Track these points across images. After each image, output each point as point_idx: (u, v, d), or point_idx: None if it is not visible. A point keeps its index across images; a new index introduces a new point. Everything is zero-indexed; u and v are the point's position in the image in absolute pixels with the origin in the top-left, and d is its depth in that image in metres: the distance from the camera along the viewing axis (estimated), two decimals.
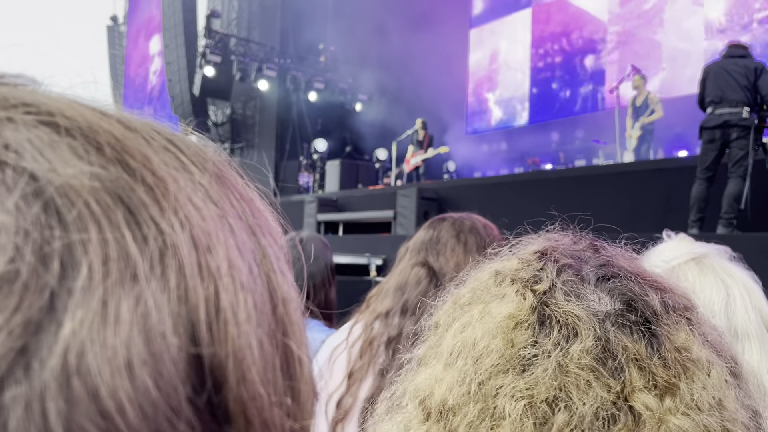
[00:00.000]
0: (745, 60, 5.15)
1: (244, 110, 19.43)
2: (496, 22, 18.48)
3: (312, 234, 1.78)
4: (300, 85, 16.76)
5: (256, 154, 18.78)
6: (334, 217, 10.17)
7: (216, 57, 15.63)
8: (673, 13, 13.93)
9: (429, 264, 1.17)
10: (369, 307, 1.21)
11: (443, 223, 1.24)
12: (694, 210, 5.17)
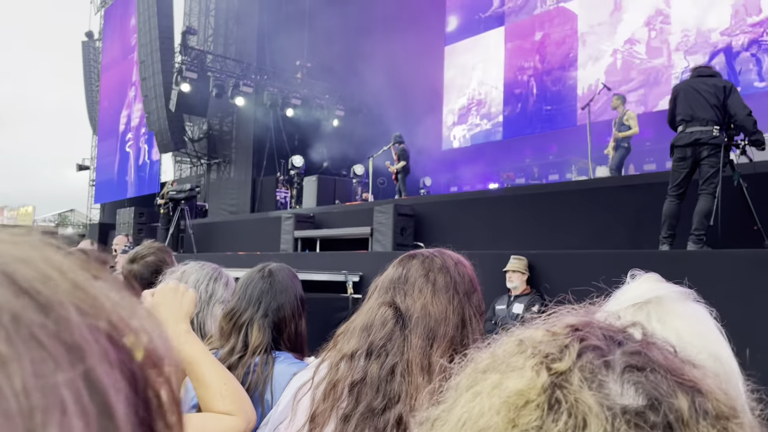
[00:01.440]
0: (714, 79, 5.28)
1: (221, 126, 19.34)
2: (470, 39, 18.72)
3: (280, 264, 1.76)
4: (277, 101, 16.75)
5: (233, 170, 18.68)
6: (311, 233, 10.13)
7: (192, 73, 15.59)
8: (644, 31, 14.24)
9: (396, 304, 1.16)
10: (336, 346, 1.19)
11: (413, 261, 1.24)
12: (665, 226, 5.26)
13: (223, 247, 12.44)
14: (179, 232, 12.84)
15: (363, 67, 16.70)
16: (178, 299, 1.35)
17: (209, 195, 18.99)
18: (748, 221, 5.07)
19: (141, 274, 2.44)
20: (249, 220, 13.45)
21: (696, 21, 13.28)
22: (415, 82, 17.81)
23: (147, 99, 16.53)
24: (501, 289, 5.50)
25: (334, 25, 16.62)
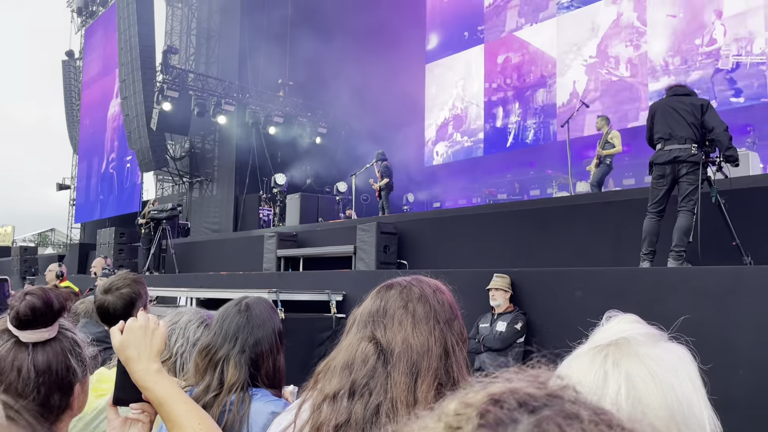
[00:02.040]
0: (690, 98, 5.36)
1: (203, 144, 19.28)
2: (450, 57, 18.89)
3: (258, 298, 1.72)
4: (259, 119, 16.75)
5: (215, 188, 18.59)
6: (294, 252, 10.09)
7: (173, 92, 15.55)
8: (620, 49, 14.47)
9: (376, 339, 1.13)
10: (317, 385, 1.16)
11: (390, 291, 1.21)
12: (645, 243, 5.30)
13: (205, 267, 12.34)
14: (161, 252, 12.71)
15: (345, 84, 16.77)
16: (148, 337, 1.32)
17: (191, 213, 18.86)
18: (726, 237, 5.13)
19: (115, 305, 2.41)
20: (231, 239, 13.36)
21: (671, 38, 13.51)
22: (397, 99, 17.90)
23: (128, 118, 16.43)
24: (485, 307, 5.49)
25: (315, 44, 16.69)
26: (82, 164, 24.76)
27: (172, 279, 10.90)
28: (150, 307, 2.62)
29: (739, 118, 11.26)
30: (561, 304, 5.28)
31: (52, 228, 38.93)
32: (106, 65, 21.35)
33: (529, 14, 16.76)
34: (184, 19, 20.98)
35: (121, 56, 16.52)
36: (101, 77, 22.11)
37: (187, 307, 1.94)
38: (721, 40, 12.68)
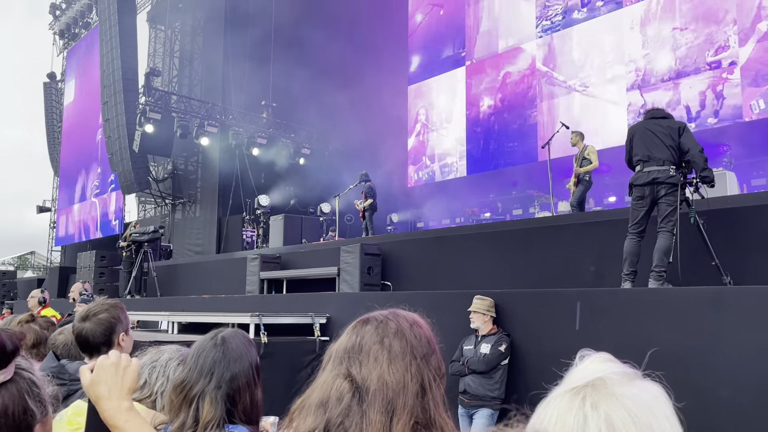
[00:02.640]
0: (667, 120, 5.46)
1: (186, 166, 19.20)
2: (433, 78, 19.07)
3: (234, 331, 1.68)
4: (242, 140, 16.73)
5: (198, 210, 18.48)
6: (278, 274, 10.03)
7: (156, 114, 15.51)
8: (599, 70, 14.71)
9: (351, 376, 1.11)
10: (292, 423, 1.14)
11: (366, 327, 1.18)
12: (626, 264, 5.35)
13: (187, 290, 12.21)
14: (142, 275, 12.58)
15: (328, 105, 16.84)
16: (120, 375, 1.29)
17: (174, 235, 18.71)
18: (706, 257, 5.19)
19: (93, 332, 2.36)
20: (214, 261, 13.26)
21: (649, 59, 13.76)
22: (380, 120, 18.00)
23: (110, 140, 16.34)
24: (469, 329, 5.49)
25: (298, 65, 16.78)
26: (62, 186, 24.53)
27: (154, 302, 10.77)
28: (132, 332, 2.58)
29: (715, 138, 11.46)
30: (545, 325, 5.29)
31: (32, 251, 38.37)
32: (88, 87, 21.26)
33: (510, 36, 17.00)
34: (167, 42, 21.01)
35: (103, 78, 16.47)
36: (83, 100, 22.01)
37: (170, 346, 1.89)
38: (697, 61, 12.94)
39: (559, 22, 15.76)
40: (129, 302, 11.37)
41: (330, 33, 17.13)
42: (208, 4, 18.38)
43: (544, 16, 16.13)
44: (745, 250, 5.41)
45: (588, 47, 15.03)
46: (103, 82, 16.44)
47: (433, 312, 5.19)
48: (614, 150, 12.67)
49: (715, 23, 12.76)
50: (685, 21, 13.24)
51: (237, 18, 17.10)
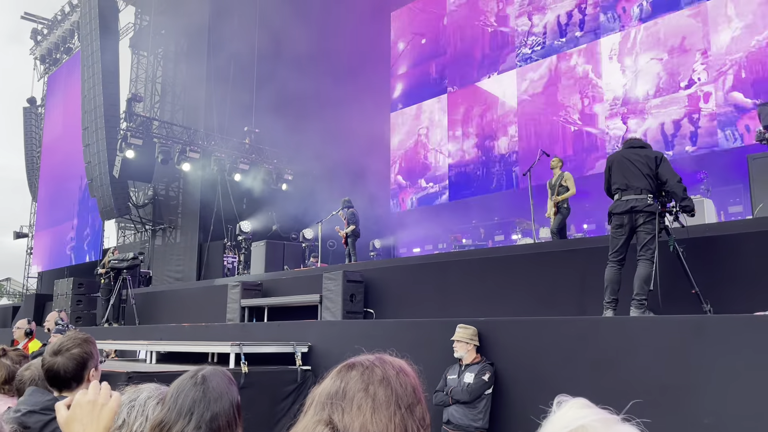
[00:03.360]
0: (645, 150, 5.55)
1: (167, 191, 19.06)
2: (415, 106, 19.25)
3: (215, 369, 1.64)
4: (224, 166, 16.67)
5: (179, 236, 18.31)
6: (259, 302, 9.92)
7: (137, 140, 15.42)
8: (577, 99, 14.95)
9: (333, 423, 1.08)
10: None
11: (351, 372, 1.15)
12: (607, 292, 5.37)
13: (166, 318, 12.03)
14: (120, 303, 12.38)
15: (311, 131, 16.88)
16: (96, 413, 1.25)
17: (154, 261, 18.49)
18: (686, 285, 5.23)
19: (66, 367, 2.31)
20: (194, 288, 13.10)
21: (626, 89, 14.02)
22: (363, 146, 18.08)
23: (90, 166, 16.19)
24: (453, 358, 5.45)
25: (282, 91, 16.83)
26: (40, 212, 24.21)
27: (132, 331, 10.59)
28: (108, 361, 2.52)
29: (692, 166, 11.66)
30: (528, 353, 5.27)
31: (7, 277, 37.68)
32: (68, 113, 21.13)
33: (491, 65, 17.25)
34: (149, 67, 21.01)
35: (84, 104, 16.39)
36: (63, 125, 21.86)
37: (148, 384, 1.83)
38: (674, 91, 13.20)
39: (539, 51, 16.04)
40: (106, 331, 11.16)
41: (313, 59, 17.26)
42: (191, 30, 18.44)
43: (525, 45, 16.42)
44: (724, 277, 5.46)
45: (568, 76, 15.29)
46: (84, 107, 16.35)
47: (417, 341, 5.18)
48: (594, 177, 12.84)
49: (691, 54, 13.07)
50: (663, 51, 13.54)
51: (220, 44, 17.17)
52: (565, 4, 15.57)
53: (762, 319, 4.20)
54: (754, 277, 5.23)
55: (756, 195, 7.38)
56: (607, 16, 14.63)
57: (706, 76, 12.77)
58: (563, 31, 15.56)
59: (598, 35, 14.78)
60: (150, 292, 13.95)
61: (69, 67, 22.13)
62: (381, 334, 6.61)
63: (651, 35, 13.78)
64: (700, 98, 12.81)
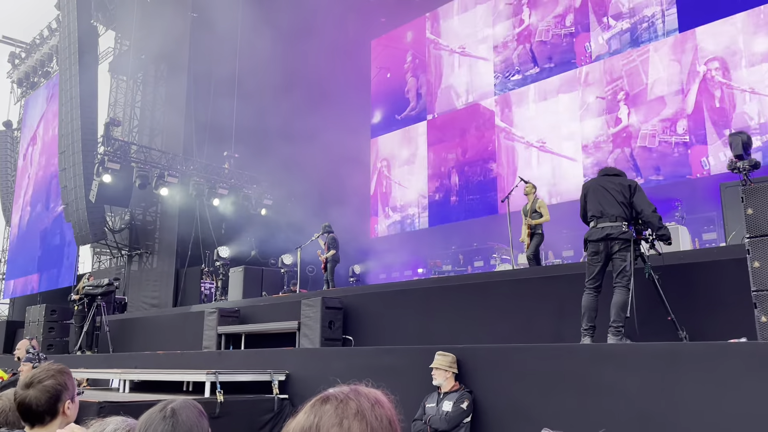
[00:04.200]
0: (619, 178, 5.63)
1: (144, 216, 18.85)
2: (395, 132, 19.40)
3: (184, 401, 1.60)
4: (203, 191, 16.56)
5: (156, 261, 18.07)
6: (236, 329, 9.79)
7: (115, 164, 15.27)
8: (554, 127, 15.18)
9: None
10: None
11: (325, 406, 1.13)
12: (584, 319, 5.40)
13: (141, 346, 11.81)
14: (94, 330, 12.13)
15: (291, 156, 16.89)
16: None
17: (129, 287, 18.20)
18: (662, 312, 5.28)
19: (38, 400, 2.24)
20: (170, 315, 12.90)
21: (602, 117, 14.28)
22: (343, 171, 18.12)
23: (66, 190, 15.99)
24: (431, 386, 5.41)
25: (261, 116, 16.86)
26: (14, 236, 23.77)
27: (106, 359, 10.37)
28: (77, 398, 2.45)
29: (667, 194, 11.85)
30: (506, 381, 5.25)
31: None
32: (45, 137, 20.92)
33: (470, 93, 17.48)
34: (128, 91, 20.93)
35: (61, 127, 16.25)
36: (40, 148, 21.61)
37: (115, 417, 1.78)
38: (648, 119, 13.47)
39: (515, 80, 16.31)
40: (78, 359, 10.91)
41: (293, 84, 17.34)
42: (171, 54, 18.46)
43: (502, 74, 16.68)
44: (699, 304, 5.52)
45: (544, 104, 15.54)
46: (62, 131, 16.20)
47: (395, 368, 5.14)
48: (570, 204, 12.98)
49: (665, 83, 13.38)
50: (637, 81, 13.84)
51: (200, 69, 17.19)
52: (541, 34, 15.89)
53: (736, 346, 4.25)
54: (728, 304, 5.29)
55: (729, 222, 7.51)
56: (579, 47, 14.95)
57: (679, 106, 13.06)
58: (537, 61, 15.85)
59: (573, 65, 15.08)
60: (125, 319, 13.70)
61: (47, 91, 21.98)
62: (359, 362, 6.55)
63: (624, 66, 14.09)
64: (673, 127, 13.07)
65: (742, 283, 4.67)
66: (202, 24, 16.89)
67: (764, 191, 4.40)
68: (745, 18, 12.44)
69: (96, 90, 16.37)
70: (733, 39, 12.51)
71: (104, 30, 20.70)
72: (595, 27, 14.79)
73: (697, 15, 13.07)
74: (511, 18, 16.73)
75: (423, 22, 19.18)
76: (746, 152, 5.66)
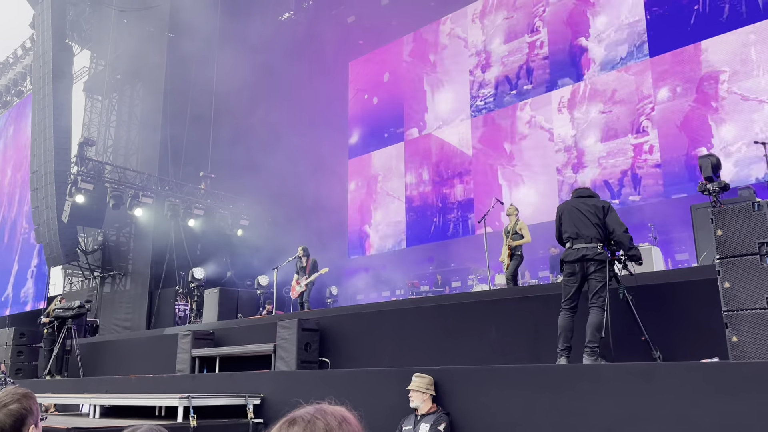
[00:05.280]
0: (593, 200, 5.70)
1: (117, 237, 18.58)
2: (373, 152, 19.47)
3: (150, 428, 1.56)
4: (178, 211, 16.39)
5: (129, 283, 17.78)
6: (210, 352, 9.63)
7: (88, 185, 15.06)
8: (531, 149, 15.38)
9: None
10: None
11: (292, 428, 1.12)
12: (561, 339, 5.42)
13: (113, 369, 11.55)
14: (64, 354, 11.85)
15: (268, 177, 16.84)
16: None
17: (102, 309, 17.85)
18: (637, 332, 5.32)
19: (2, 424, 2.18)
20: (143, 338, 12.66)
21: (576, 140, 14.51)
22: (320, 191, 18.10)
23: (37, 210, 15.72)
24: (408, 408, 5.37)
25: (239, 136, 16.81)
26: None
27: (75, 384, 10.12)
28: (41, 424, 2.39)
29: (639, 214, 12.03)
30: (484, 402, 5.24)
31: None
32: (16, 156, 20.59)
33: (447, 115, 17.65)
34: (103, 111, 20.74)
35: (34, 147, 16.02)
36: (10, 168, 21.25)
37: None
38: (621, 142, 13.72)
39: (491, 103, 16.52)
40: (47, 384, 10.64)
41: (270, 104, 17.34)
42: (147, 74, 18.38)
43: (478, 97, 16.90)
44: (672, 324, 5.58)
45: (520, 126, 15.75)
46: (34, 150, 15.97)
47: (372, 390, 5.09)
48: (547, 225, 13.11)
49: (637, 109, 13.66)
50: (610, 105, 14.12)
51: (177, 89, 17.11)
52: (516, 58, 16.16)
53: (708, 366, 4.29)
54: (701, 324, 5.36)
55: (700, 243, 7.63)
56: (556, 70, 15.22)
57: (652, 130, 13.33)
58: (513, 84, 16.10)
59: (550, 88, 15.33)
60: (96, 342, 13.42)
61: (19, 110, 21.70)
62: (335, 384, 6.48)
63: (599, 89, 14.36)
64: (646, 151, 13.33)
65: (713, 304, 4.73)
66: (179, 44, 16.86)
67: (733, 213, 4.49)
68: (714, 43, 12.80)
69: (70, 110, 16.19)
70: (705, 65, 12.85)
71: (79, 49, 20.54)
72: (572, 51, 15.08)
73: (667, 41, 13.41)
74: (489, 42, 17.00)
75: (401, 44, 19.38)
76: (715, 174, 5.79)
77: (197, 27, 16.40)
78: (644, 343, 5.28)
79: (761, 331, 4.20)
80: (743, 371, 3.96)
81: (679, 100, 13.06)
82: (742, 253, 4.35)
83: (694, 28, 13.07)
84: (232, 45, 16.98)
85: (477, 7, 17.51)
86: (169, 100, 17.23)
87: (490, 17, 17.10)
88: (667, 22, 13.50)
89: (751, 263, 4.32)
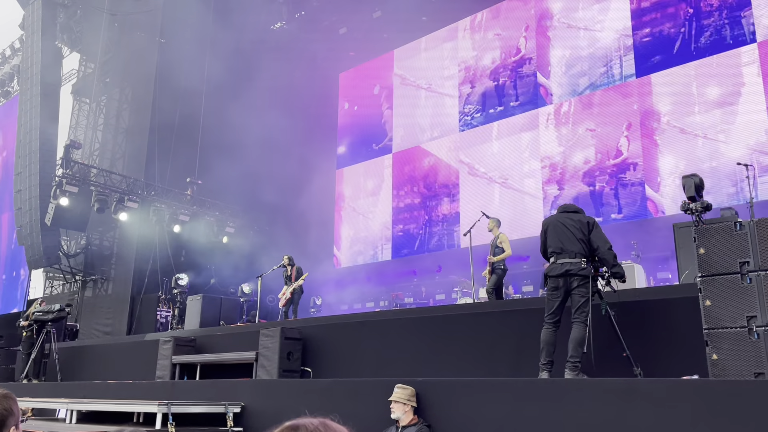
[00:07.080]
0: (578, 215, 5.76)
1: (101, 241, 18.38)
2: (361, 164, 19.51)
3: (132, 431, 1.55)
4: (164, 217, 16.28)
5: (111, 287, 17.59)
6: (191, 359, 9.55)
7: (73, 187, 14.92)
8: (516, 164, 15.48)
9: None
10: None
11: None
12: (543, 353, 5.44)
13: (92, 375, 11.41)
14: (42, 357, 11.69)
15: (255, 184, 16.79)
16: None
17: (82, 314, 17.63)
18: (618, 348, 5.36)
19: None
20: (123, 343, 12.52)
21: (563, 156, 14.63)
22: (307, 201, 18.08)
23: (20, 212, 15.55)
24: (390, 419, 5.36)
25: (227, 143, 16.77)
26: None
27: (53, 388, 9.98)
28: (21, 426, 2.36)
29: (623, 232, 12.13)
30: (465, 415, 5.23)
31: None
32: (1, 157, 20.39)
33: (434, 128, 17.74)
34: (91, 114, 20.60)
35: (19, 148, 15.87)
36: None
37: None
38: (606, 160, 13.86)
39: (478, 118, 16.65)
40: (24, 387, 10.48)
41: (260, 111, 17.32)
42: (136, 79, 18.31)
43: (465, 112, 17.02)
44: (653, 341, 5.63)
45: (507, 142, 15.87)
46: (19, 152, 15.82)
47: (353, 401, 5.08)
48: (532, 240, 13.19)
49: (622, 126, 13.82)
50: (596, 123, 14.27)
51: (165, 94, 17.05)
52: (505, 74, 16.31)
53: (688, 383, 4.33)
54: (682, 342, 5.41)
55: (682, 262, 7.71)
56: (544, 87, 15.38)
57: (636, 147, 13.49)
58: (501, 100, 16.24)
59: (535, 104, 15.48)
60: (75, 347, 13.25)
61: (5, 111, 21.50)
62: (317, 394, 6.45)
63: (584, 107, 14.52)
64: (629, 168, 13.47)
65: (694, 321, 4.78)
66: (169, 50, 16.83)
67: (715, 232, 4.55)
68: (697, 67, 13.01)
69: (57, 112, 16.08)
70: (686, 86, 13.04)
71: (69, 52, 20.43)
72: (556, 69, 15.25)
73: (654, 62, 13.61)
74: (479, 58, 17.15)
75: (391, 57, 19.49)
76: (698, 194, 5.87)
77: (188, 34, 16.39)
78: (625, 359, 5.32)
79: (741, 349, 4.25)
80: (723, 389, 4.00)
81: (663, 120, 13.23)
82: (724, 272, 4.41)
83: (681, 52, 13.28)
84: (223, 52, 16.98)
85: (467, 23, 17.67)
86: (157, 105, 17.16)
87: (481, 33, 17.27)
88: (651, 43, 13.71)
89: (732, 282, 4.38)
